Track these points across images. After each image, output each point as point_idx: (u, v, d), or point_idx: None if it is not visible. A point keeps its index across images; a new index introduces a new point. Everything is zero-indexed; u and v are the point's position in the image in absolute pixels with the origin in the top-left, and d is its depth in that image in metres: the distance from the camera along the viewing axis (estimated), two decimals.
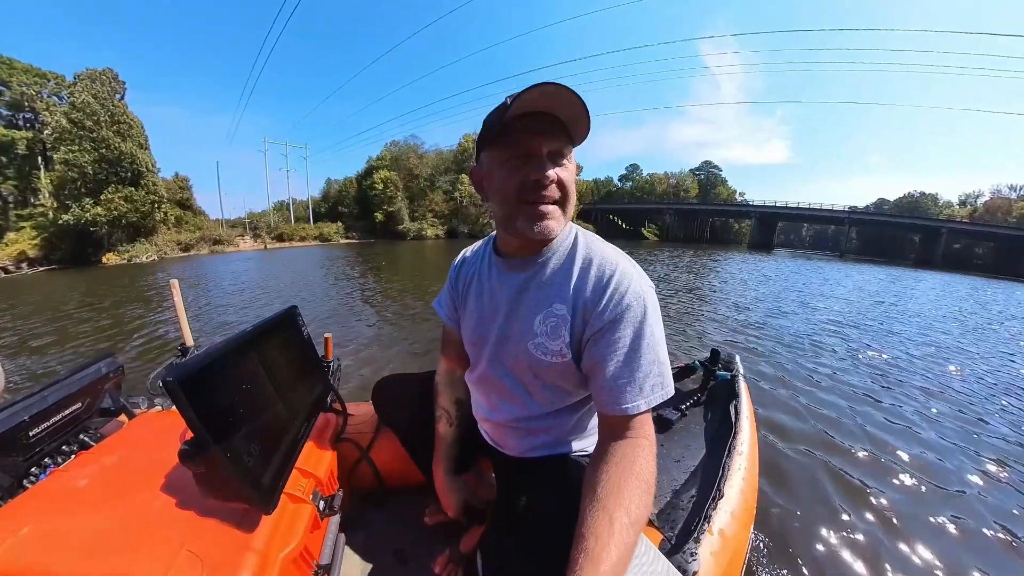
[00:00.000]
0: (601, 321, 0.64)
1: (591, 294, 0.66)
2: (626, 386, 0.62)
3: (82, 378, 1.06)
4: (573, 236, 0.73)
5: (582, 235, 0.74)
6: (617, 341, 0.63)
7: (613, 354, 0.63)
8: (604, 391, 0.64)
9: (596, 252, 0.70)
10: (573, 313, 0.68)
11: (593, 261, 0.68)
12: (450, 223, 36.90)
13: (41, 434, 0.93)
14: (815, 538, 1.52)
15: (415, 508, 1.19)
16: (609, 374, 0.63)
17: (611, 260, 0.68)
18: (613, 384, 0.63)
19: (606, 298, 0.65)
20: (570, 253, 0.71)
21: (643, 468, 0.60)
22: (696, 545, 0.83)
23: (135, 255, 18.09)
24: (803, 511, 1.66)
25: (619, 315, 0.64)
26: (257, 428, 0.77)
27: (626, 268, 0.67)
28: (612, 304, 0.64)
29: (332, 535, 0.90)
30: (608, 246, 0.71)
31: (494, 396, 0.82)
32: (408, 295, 6.92)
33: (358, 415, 1.26)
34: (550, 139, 0.63)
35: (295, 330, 1.10)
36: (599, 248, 0.71)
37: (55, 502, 0.75)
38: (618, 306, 0.64)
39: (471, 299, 0.84)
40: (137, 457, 0.88)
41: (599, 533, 0.52)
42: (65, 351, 4.16)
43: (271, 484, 0.75)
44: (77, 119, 17.52)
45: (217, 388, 0.70)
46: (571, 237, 0.73)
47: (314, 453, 1.00)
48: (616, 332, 0.64)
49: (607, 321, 0.64)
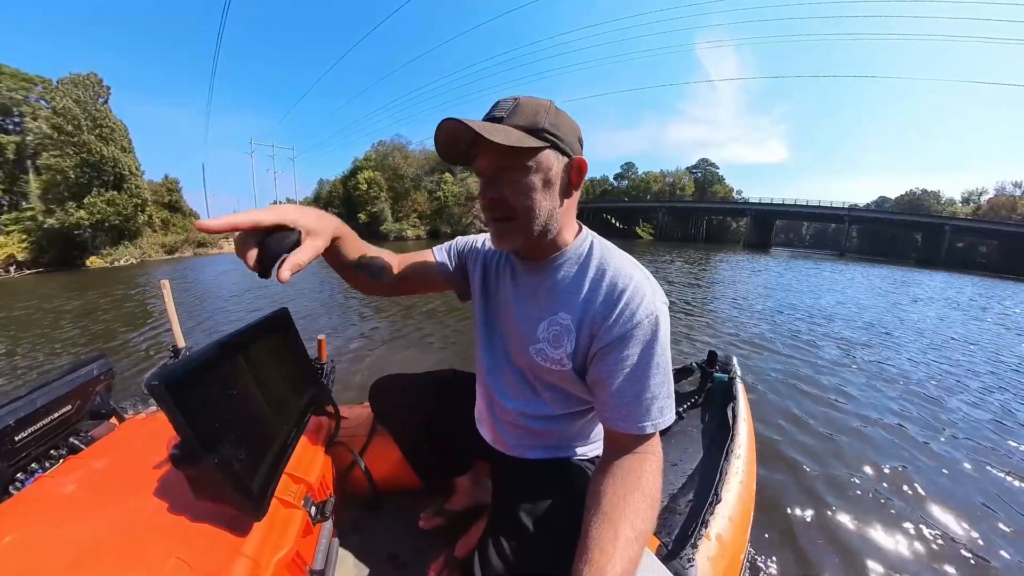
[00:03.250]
0: (610, 336, 0.63)
1: (601, 307, 0.64)
2: (634, 407, 0.62)
3: (72, 380, 1.04)
4: (588, 244, 0.71)
5: (598, 243, 0.72)
6: (626, 359, 0.62)
7: (620, 372, 0.62)
8: (610, 409, 0.64)
9: (611, 263, 0.68)
10: (579, 324, 0.67)
11: (606, 273, 0.66)
12: (433, 223, 36.75)
13: (28, 438, 0.90)
14: (813, 542, 1.52)
15: (410, 512, 1.18)
16: (616, 393, 0.63)
17: (625, 273, 0.66)
18: (620, 403, 0.62)
19: (616, 313, 0.63)
20: (583, 262, 0.69)
21: (650, 483, 0.59)
22: (693, 551, 0.82)
23: (116, 258, 18.16)
24: (801, 515, 1.66)
25: (629, 332, 0.62)
26: (245, 433, 0.76)
27: (640, 282, 0.65)
28: (623, 320, 0.62)
29: (325, 540, 0.89)
30: (623, 256, 0.69)
31: (499, 386, 0.82)
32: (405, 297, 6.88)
33: (352, 418, 1.25)
34: (482, 157, 0.63)
35: (286, 332, 1.08)
36: (614, 259, 0.68)
37: (41, 509, 0.73)
38: (628, 322, 0.62)
39: (489, 288, 0.84)
40: (126, 462, 0.87)
41: (604, 546, 0.52)
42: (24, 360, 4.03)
43: (260, 490, 0.74)
44: (58, 124, 17.66)
45: (204, 392, 0.69)
46: (586, 244, 0.71)
47: (305, 458, 0.98)
48: (625, 350, 0.62)
49: (616, 337, 0.62)
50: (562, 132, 0.62)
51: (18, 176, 18.65)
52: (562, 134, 0.62)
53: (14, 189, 18.65)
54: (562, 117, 0.63)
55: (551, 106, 0.63)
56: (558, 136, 0.61)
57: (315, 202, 40.04)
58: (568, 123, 0.64)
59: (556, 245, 0.70)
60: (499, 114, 0.61)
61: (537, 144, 0.59)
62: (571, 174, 0.65)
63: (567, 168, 0.64)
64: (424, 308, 5.64)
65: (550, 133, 0.60)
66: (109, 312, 6.26)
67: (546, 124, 0.60)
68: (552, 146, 0.61)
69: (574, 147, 0.64)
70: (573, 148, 0.64)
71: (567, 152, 0.63)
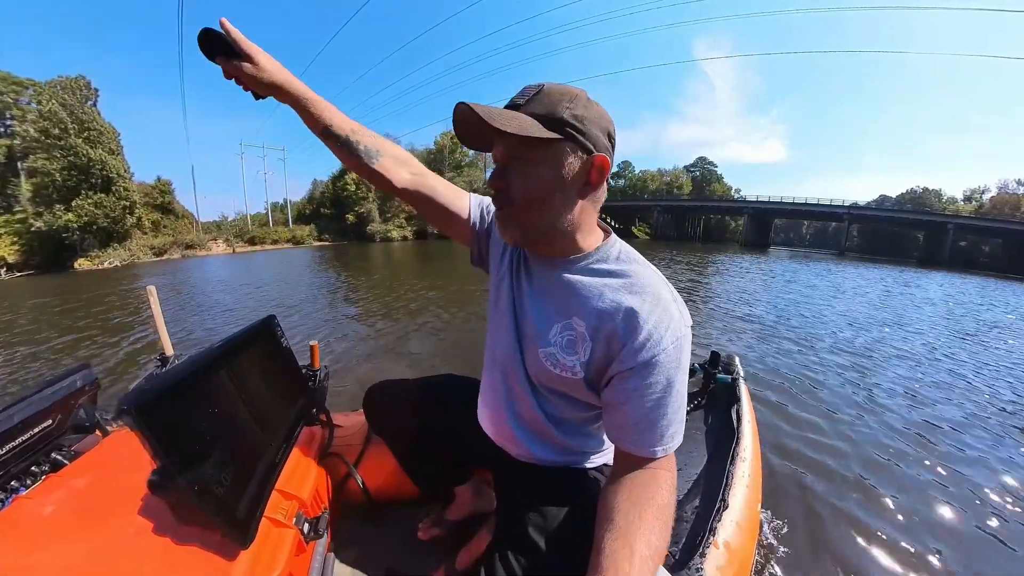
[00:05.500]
0: (633, 361, 0.59)
1: (623, 324, 0.60)
2: (648, 433, 0.60)
3: (53, 393, 0.99)
4: (615, 252, 0.67)
5: (625, 254, 0.67)
6: (647, 387, 0.59)
7: (640, 399, 0.60)
8: (622, 430, 0.62)
9: (638, 278, 0.63)
10: (595, 334, 0.63)
11: (633, 287, 0.62)
12: (420, 223, 36.33)
13: (6, 456, 0.86)
14: (821, 545, 1.50)
15: (408, 523, 1.15)
16: (631, 418, 0.60)
17: (652, 292, 0.61)
18: (634, 429, 0.61)
19: (643, 336, 0.59)
20: (606, 270, 0.65)
21: (664, 500, 0.58)
22: (702, 560, 0.80)
23: (102, 260, 18.14)
24: (808, 518, 1.64)
25: (654, 358, 0.59)
26: (229, 454, 0.72)
27: (668, 305, 0.61)
28: (649, 345, 0.59)
29: (320, 557, 0.86)
30: (652, 272, 0.65)
31: (503, 388, 0.78)
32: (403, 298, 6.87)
33: (346, 426, 1.21)
34: (496, 144, 0.61)
35: (273, 341, 1.04)
36: (641, 273, 0.64)
37: (18, 532, 0.69)
38: (655, 348, 0.59)
39: (497, 264, 0.79)
40: (109, 480, 0.83)
41: (619, 564, 0.50)
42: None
43: (246, 514, 0.70)
44: (44, 128, 17.69)
45: (181, 413, 0.65)
46: (612, 252, 0.67)
47: (297, 472, 0.95)
48: (649, 377, 0.59)
49: (640, 363, 0.59)
50: (586, 125, 0.57)
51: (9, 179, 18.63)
52: (586, 127, 0.57)
53: (6, 192, 18.66)
54: (592, 109, 0.59)
55: (579, 95, 0.58)
56: (579, 129, 0.56)
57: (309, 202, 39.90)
58: (597, 115, 0.59)
59: (575, 246, 0.66)
60: (520, 100, 0.58)
61: (549, 135, 0.55)
62: (590, 172, 0.59)
63: (586, 165, 0.59)
64: (420, 312, 5.60)
65: (570, 125, 0.56)
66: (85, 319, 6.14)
67: (567, 115, 0.56)
68: (569, 139, 0.56)
69: (599, 143, 0.59)
70: (597, 144, 0.58)
71: (589, 148, 0.58)
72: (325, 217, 35.71)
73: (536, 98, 0.57)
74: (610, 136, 0.61)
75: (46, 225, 17.21)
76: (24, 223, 17.47)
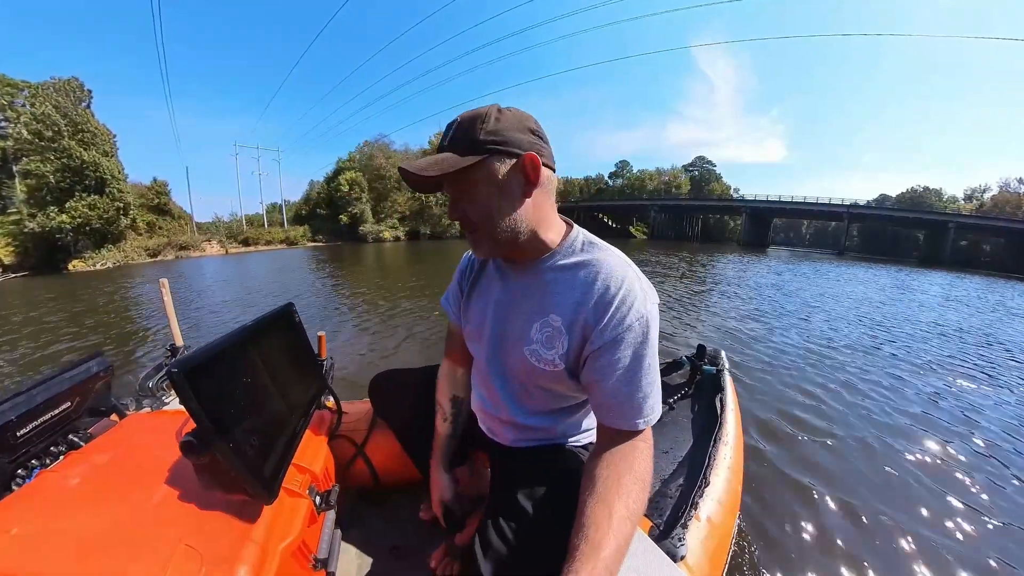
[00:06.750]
0: (602, 340, 0.64)
1: (593, 309, 0.65)
2: (627, 406, 0.64)
3: (71, 377, 1.04)
4: (578, 243, 0.71)
5: (588, 242, 0.72)
6: (617, 362, 0.64)
7: (613, 374, 0.64)
8: (604, 408, 0.66)
9: (602, 264, 0.67)
10: (571, 326, 0.68)
11: (598, 275, 0.66)
12: (413, 224, 36.43)
13: (29, 434, 0.91)
14: (798, 523, 1.58)
15: (411, 504, 1.20)
16: (609, 393, 0.65)
17: (617, 275, 0.66)
18: (613, 403, 0.65)
19: (608, 316, 0.64)
20: (573, 262, 0.70)
21: (641, 467, 0.63)
22: (684, 531, 0.86)
23: (96, 262, 18.04)
24: (787, 498, 1.72)
25: (620, 335, 0.63)
26: (257, 421, 0.78)
27: (631, 284, 0.65)
28: (615, 323, 0.63)
29: (329, 529, 0.91)
30: (615, 256, 0.69)
31: (492, 390, 0.84)
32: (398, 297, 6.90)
33: (353, 412, 1.27)
34: (445, 184, 0.66)
35: (292, 326, 1.11)
36: (605, 259, 0.68)
37: (45, 502, 0.73)
38: (620, 325, 0.63)
39: (475, 294, 0.86)
40: (130, 456, 0.88)
41: (599, 523, 0.55)
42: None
43: (272, 475, 0.76)
44: (36, 130, 17.58)
45: (219, 380, 0.71)
46: (576, 243, 0.71)
47: (310, 449, 1.00)
48: (617, 352, 0.64)
49: (607, 340, 0.64)
50: (502, 135, 0.61)
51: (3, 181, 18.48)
52: (502, 136, 0.61)
53: (1, 193, 18.47)
54: (504, 118, 0.63)
55: (489, 112, 0.62)
56: (496, 141, 0.61)
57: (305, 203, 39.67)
58: (511, 122, 0.63)
59: (541, 246, 0.71)
60: (444, 142, 0.63)
61: (473, 160, 0.60)
62: (525, 171, 0.63)
63: (517, 167, 0.63)
64: (421, 306, 5.64)
65: (487, 142, 0.61)
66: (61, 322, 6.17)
67: (482, 136, 0.61)
68: (492, 154, 0.61)
69: (522, 143, 0.63)
70: (521, 144, 0.62)
71: (513, 152, 0.62)
72: (320, 218, 35.49)
73: (454, 134, 0.63)
74: (533, 132, 0.65)
75: (40, 227, 17.15)
76: (18, 224, 17.37)
